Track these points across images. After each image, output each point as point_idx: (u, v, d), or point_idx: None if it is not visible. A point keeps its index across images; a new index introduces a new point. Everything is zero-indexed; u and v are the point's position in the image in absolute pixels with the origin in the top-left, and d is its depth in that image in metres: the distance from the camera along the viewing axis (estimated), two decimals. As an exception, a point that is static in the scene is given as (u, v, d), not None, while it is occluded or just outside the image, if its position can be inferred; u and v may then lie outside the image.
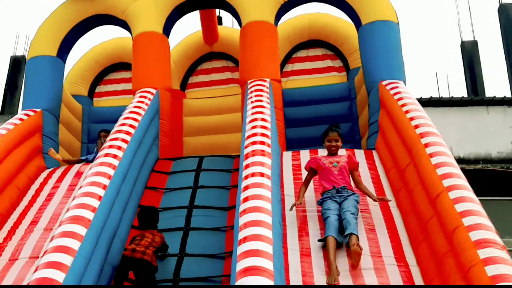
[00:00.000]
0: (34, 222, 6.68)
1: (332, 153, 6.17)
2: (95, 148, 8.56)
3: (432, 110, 10.27)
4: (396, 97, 7.17)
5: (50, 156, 8.00)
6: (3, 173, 7.10)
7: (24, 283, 5.47)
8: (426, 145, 5.94)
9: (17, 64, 14.48)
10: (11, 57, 14.83)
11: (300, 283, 5.17)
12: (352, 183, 6.08)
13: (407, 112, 6.69)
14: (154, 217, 5.95)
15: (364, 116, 8.16)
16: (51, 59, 8.72)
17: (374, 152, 7.34)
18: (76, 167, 7.94)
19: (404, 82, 7.79)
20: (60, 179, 7.62)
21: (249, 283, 4.34)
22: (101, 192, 5.74)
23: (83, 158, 8.44)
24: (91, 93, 10.48)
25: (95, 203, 5.56)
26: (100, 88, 10.57)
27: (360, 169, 6.86)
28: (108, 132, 8.43)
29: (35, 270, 4.68)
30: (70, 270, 4.72)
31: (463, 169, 5.75)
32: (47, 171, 7.99)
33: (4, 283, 5.67)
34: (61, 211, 6.71)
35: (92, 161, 8.08)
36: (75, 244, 4.97)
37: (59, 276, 4.58)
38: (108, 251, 5.67)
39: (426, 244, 5.32)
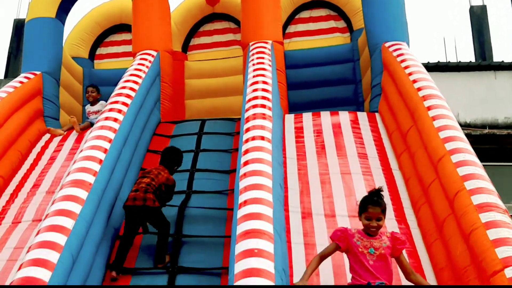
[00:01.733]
0: (36, 185, 6.71)
1: (371, 233, 4.46)
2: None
3: (439, 75, 10.20)
4: (399, 59, 7.09)
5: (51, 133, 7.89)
6: (4, 136, 7.09)
7: (27, 245, 5.51)
8: (429, 108, 5.90)
9: (20, 27, 14.29)
10: (14, 20, 14.66)
11: (302, 244, 5.22)
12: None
13: (410, 74, 6.62)
14: (171, 158, 5.96)
15: (367, 78, 8.09)
16: (50, 21, 8.58)
17: (376, 115, 7.31)
18: (77, 130, 7.91)
19: (408, 43, 7.68)
20: (62, 142, 7.62)
21: (250, 245, 4.37)
22: (101, 155, 5.74)
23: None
24: (92, 55, 10.36)
25: (96, 166, 5.57)
26: (100, 50, 10.44)
27: (363, 132, 6.84)
28: (94, 86, 8.36)
29: (37, 234, 4.71)
30: (72, 233, 4.75)
31: (469, 134, 5.71)
32: (48, 135, 7.98)
33: (7, 245, 5.74)
34: (63, 174, 6.72)
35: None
36: (76, 208, 4.99)
37: (61, 239, 4.61)
38: (110, 214, 5.70)
39: (428, 207, 5.34)
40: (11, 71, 13.99)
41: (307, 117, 7.31)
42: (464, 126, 9.95)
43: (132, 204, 5.50)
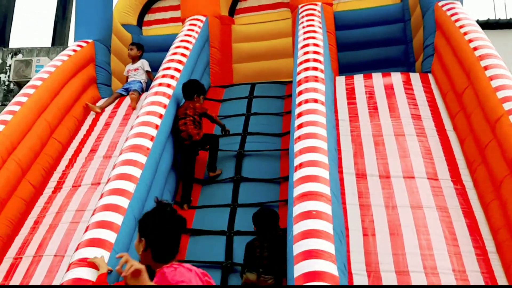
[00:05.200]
0: (93, 150, 6.85)
1: None
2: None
3: (489, 33, 9.91)
4: (453, 18, 6.91)
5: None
6: (61, 103, 7.25)
7: (89, 208, 5.72)
8: (486, 68, 5.79)
9: (65, -4, 14.43)
10: (60, -11, 14.76)
11: (357, 205, 5.25)
12: None
13: (465, 34, 6.47)
14: (191, 89, 6.48)
15: (419, 39, 7.92)
16: (99, -12, 8.67)
17: (429, 75, 7.17)
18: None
19: (461, 2, 7.49)
20: (115, 109, 7.75)
21: (307, 207, 4.43)
22: (157, 121, 5.88)
23: (120, 91, 8.28)
24: (140, 22, 10.42)
25: (153, 132, 5.71)
26: (148, 17, 10.47)
27: (416, 93, 6.76)
28: (134, 44, 8.40)
29: (101, 197, 4.89)
30: (134, 196, 4.91)
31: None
32: (102, 100, 8.12)
33: (69, 208, 5.93)
34: (118, 139, 6.88)
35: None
36: (136, 172, 5.15)
37: (124, 202, 4.78)
38: (166, 178, 5.84)
39: (484, 168, 5.29)
40: (58, 38, 14.19)
41: (358, 78, 7.24)
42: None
43: (183, 141, 6.14)
